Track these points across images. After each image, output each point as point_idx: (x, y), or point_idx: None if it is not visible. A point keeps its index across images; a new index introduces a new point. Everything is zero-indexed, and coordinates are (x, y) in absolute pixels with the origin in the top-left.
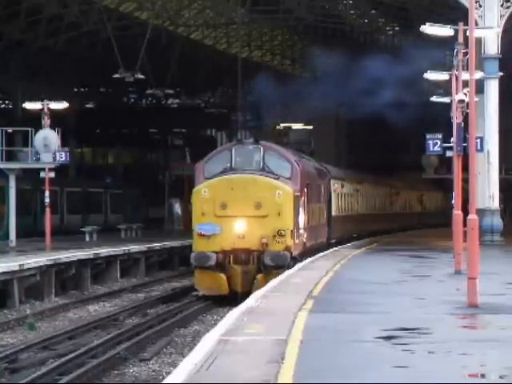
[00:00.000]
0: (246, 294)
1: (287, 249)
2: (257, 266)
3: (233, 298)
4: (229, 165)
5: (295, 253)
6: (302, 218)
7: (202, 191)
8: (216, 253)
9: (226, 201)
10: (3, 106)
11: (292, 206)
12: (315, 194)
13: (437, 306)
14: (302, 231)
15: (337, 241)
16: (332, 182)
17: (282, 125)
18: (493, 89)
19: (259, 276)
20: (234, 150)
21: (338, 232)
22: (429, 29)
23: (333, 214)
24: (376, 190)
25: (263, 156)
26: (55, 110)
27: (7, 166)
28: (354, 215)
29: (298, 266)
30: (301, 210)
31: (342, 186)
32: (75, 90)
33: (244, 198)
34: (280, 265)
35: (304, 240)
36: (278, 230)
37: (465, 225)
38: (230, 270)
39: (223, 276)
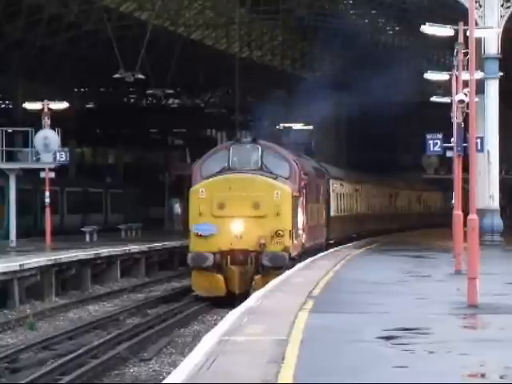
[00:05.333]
0: (244, 295)
1: (286, 249)
2: (255, 267)
3: (230, 300)
4: (226, 164)
5: (294, 253)
6: (301, 219)
7: (199, 191)
8: (213, 253)
9: (223, 201)
10: (3, 105)
11: (290, 206)
12: (314, 194)
13: (437, 305)
14: (300, 232)
15: (336, 241)
16: (331, 181)
17: (281, 125)
18: (493, 89)
19: (257, 277)
20: (231, 149)
21: (337, 232)
22: (429, 29)
23: (332, 214)
24: (375, 190)
25: (261, 155)
26: (55, 110)
27: (7, 166)
28: (353, 215)
29: (299, 265)
30: (299, 210)
31: (341, 186)
32: (75, 89)
33: (242, 197)
34: (278, 265)
35: (303, 240)
36: (277, 231)
37: (465, 225)
38: (227, 270)
39: (220, 277)
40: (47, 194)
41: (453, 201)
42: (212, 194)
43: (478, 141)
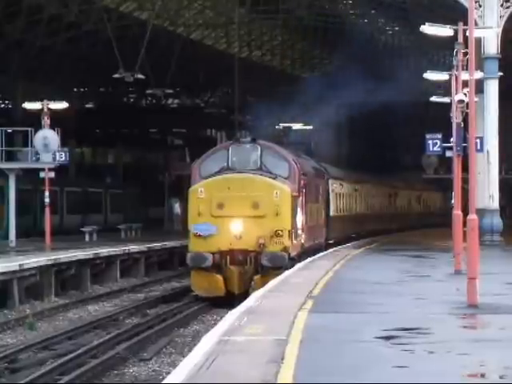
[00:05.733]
0: (243, 296)
1: (285, 249)
2: (254, 267)
3: (230, 300)
4: (225, 164)
5: (293, 253)
6: (300, 219)
7: (199, 191)
8: (212, 253)
9: (222, 200)
10: (3, 105)
11: (290, 206)
12: (313, 193)
13: (437, 305)
14: (299, 231)
15: (335, 241)
16: (330, 181)
17: (281, 125)
18: (493, 89)
19: (256, 277)
20: (230, 148)
21: (337, 232)
22: (429, 29)
23: (331, 214)
24: (375, 189)
25: (260, 155)
26: (55, 110)
27: (7, 166)
28: (352, 215)
29: (298, 265)
30: (299, 210)
31: (341, 186)
32: (75, 89)
33: (241, 197)
34: (278, 266)
35: (302, 240)
36: (276, 231)
37: (465, 225)
38: (226, 270)
39: (220, 277)
40: (47, 193)
41: (452, 201)
42: (211, 194)
43: (478, 141)
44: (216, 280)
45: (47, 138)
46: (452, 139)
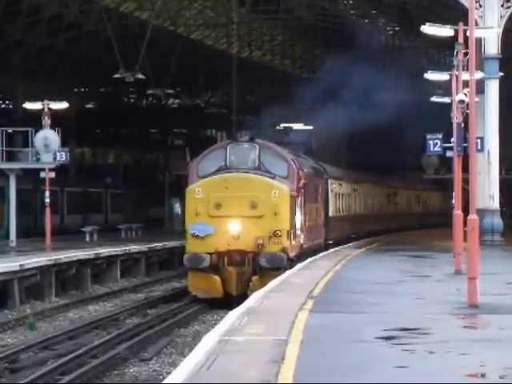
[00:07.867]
0: (241, 297)
1: (283, 250)
2: (252, 268)
3: (227, 301)
4: (223, 163)
5: (292, 254)
6: (299, 219)
7: (196, 191)
8: (210, 254)
9: (220, 200)
10: (3, 105)
11: (288, 206)
12: (312, 193)
13: (437, 306)
14: (298, 232)
15: (334, 242)
16: (330, 181)
17: (281, 125)
18: (493, 89)
19: (254, 278)
20: (228, 148)
21: (336, 233)
22: (429, 29)
23: (330, 214)
24: (374, 189)
25: (259, 154)
26: (55, 110)
27: (7, 166)
28: (351, 216)
29: (298, 266)
30: (297, 210)
31: (340, 186)
32: (75, 89)
33: (239, 197)
34: (276, 266)
35: (301, 241)
36: (274, 231)
37: (465, 225)
38: (224, 271)
39: (217, 278)
40: (47, 193)
41: (453, 201)
42: (209, 194)
43: (478, 141)
44: (214, 281)
45: (47, 138)
46: (452, 139)
